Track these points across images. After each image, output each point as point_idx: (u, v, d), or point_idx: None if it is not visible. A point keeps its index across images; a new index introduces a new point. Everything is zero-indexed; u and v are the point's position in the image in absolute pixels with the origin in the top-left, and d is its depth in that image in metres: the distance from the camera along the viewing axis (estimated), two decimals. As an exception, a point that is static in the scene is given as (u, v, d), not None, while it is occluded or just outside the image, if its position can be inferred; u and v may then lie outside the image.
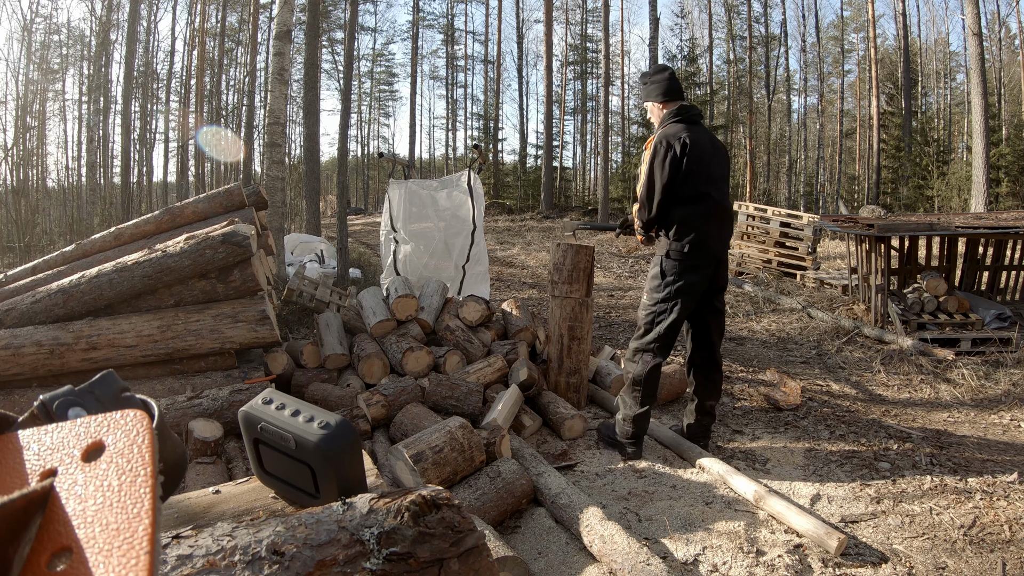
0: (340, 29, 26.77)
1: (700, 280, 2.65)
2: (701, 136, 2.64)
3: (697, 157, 2.58)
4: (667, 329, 2.67)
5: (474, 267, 4.98)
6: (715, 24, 26.68)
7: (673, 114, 2.70)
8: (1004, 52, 24.71)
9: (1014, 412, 3.37)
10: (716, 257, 2.67)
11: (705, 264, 2.64)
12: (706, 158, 2.61)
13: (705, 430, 2.89)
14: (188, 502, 1.06)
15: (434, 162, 34.53)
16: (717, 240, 2.67)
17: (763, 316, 5.91)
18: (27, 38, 18.78)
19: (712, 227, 2.63)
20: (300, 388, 3.22)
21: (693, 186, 2.59)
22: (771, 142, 27.86)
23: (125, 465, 0.41)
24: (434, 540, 0.86)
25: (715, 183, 2.64)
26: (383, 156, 5.91)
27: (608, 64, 18.51)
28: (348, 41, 8.74)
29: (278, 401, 1.03)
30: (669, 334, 2.68)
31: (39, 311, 2.83)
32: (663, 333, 2.67)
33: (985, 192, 11.80)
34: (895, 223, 5.10)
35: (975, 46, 11.98)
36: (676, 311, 2.64)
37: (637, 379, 2.72)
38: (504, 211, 20.32)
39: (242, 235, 2.91)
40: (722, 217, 2.68)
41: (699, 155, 2.59)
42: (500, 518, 2.19)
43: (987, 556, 1.99)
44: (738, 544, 2.07)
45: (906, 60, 22.24)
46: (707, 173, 2.61)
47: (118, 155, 16.88)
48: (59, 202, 16.54)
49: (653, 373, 2.71)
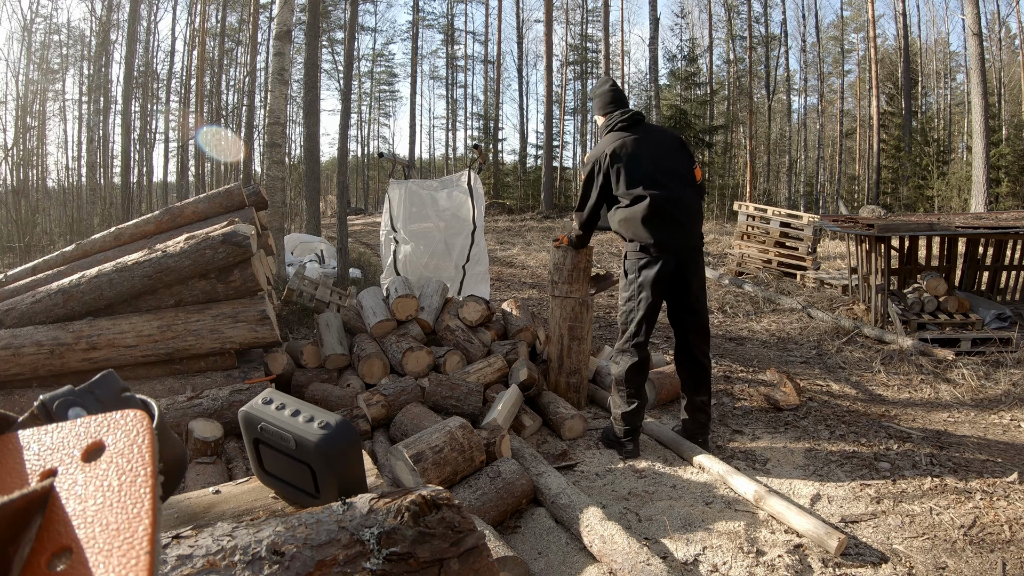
0: (340, 29, 26.77)
1: (659, 272, 2.69)
2: (637, 139, 2.73)
3: (625, 164, 2.70)
4: (637, 325, 2.76)
5: (474, 267, 4.98)
6: (715, 24, 26.70)
7: (607, 126, 2.85)
8: (1004, 52, 24.71)
9: (1014, 412, 3.37)
10: (671, 249, 2.69)
11: (660, 257, 2.68)
12: (641, 159, 2.70)
13: (702, 427, 2.89)
14: (188, 502, 1.06)
15: (434, 162, 34.51)
16: (667, 234, 2.68)
17: (763, 316, 5.91)
18: (27, 38, 18.78)
19: (656, 223, 2.67)
20: (300, 388, 3.22)
21: (628, 190, 2.70)
22: (771, 142, 27.86)
23: (125, 465, 0.41)
24: (434, 540, 0.86)
25: (655, 181, 2.68)
26: (383, 156, 5.90)
27: (608, 64, 18.52)
28: (348, 41, 8.74)
29: (278, 401, 1.03)
30: (640, 330, 2.77)
31: (39, 311, 2.83)
32: (635, 330, 2.77)
33: (985, 192, 11.80)
34: (895, 223, 5.09)
35: (975, 46, 11.98)
36: (642, 306, 2.73)
37: (619, 379, 2.83)
38: (504, 211, 20.31)
39: (242, 235, 2.91)
40: (670, 211, 2.68)
41: (629, 161, 2.70)
42: (500, 518, 2.19)
43: (987, 556, 1.99)
44: (738, 544, 2.07)
45: (906, 60, 22.24)
46: (642, 174, 2.69)
47: (118, 155, 16.89)
48: (59, 202, 16.53)
49: (632, 370, 2.79)
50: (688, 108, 20.60)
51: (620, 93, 2.92)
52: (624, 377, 2.80)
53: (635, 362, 2.78)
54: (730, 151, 25.58)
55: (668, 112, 19.12)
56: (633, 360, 2.78)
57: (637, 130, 2.78)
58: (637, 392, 2.82)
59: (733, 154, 25.71)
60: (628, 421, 2.82)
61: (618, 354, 2.86)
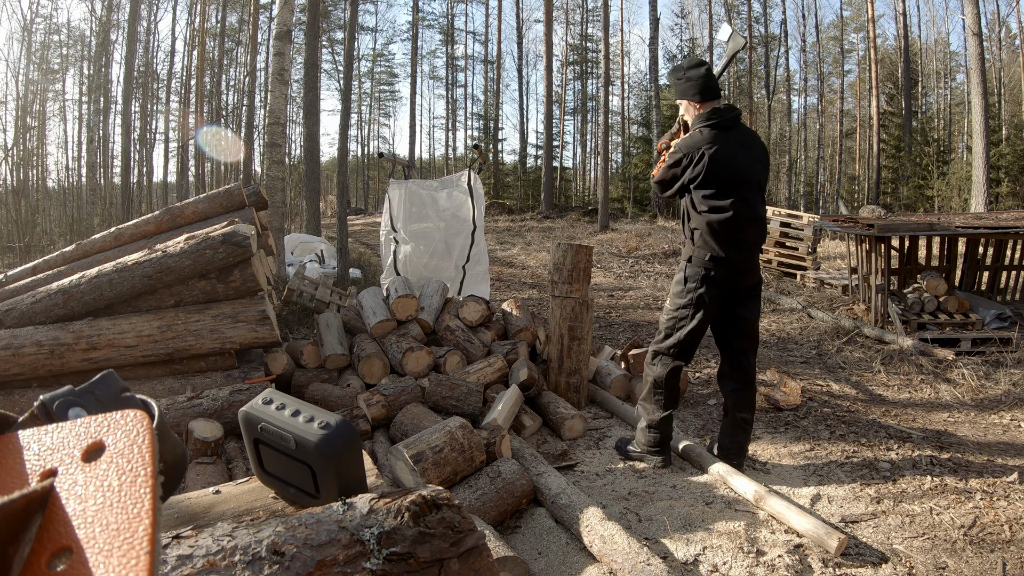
0: (340, 29, 26.77)
1: (721, 290, 2.56)
2: (731, 143, 2.53)
3: (721, 169, 2.49)
4: (687, 336, 2.59)
5: (474, 267, 4.98)
6: (715, 24, 26.68)
7: (706, 117, 2.55)
8: (1004, 52, 24.71)
9: (1014, 412, 3.37)
10: (739, 267, 2.56)
11: (727, 274, 2.54)
12: (735, 167, 2.51)
13: (740, 448, 2.70)
14: (188, 502, 1.06)
15: (434, 162, 34.51)
16: (740, 251, 2.54)
17: (763, 316, 5.91)
18: (27, 38, 18.79)
19: (734, 238, 2.51)
20: (300, 388, 3.22)
21: (716, 196, 2.50)
22: (771, 142, 27.84)
23: (125, 465, 0.41)
24: (434, 540, 0.86)
25: (742, 192, 2.51)
26: (383, 156, 5.90)
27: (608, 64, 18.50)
28: (348, 41, 8.74)
29: (278, 401, 1.03)
30: (689, 340, 2.61)
31: (39, 311, 2.83)
32: (683, 339, 2.60)
33: (985, 192, 11.80)
34: (895, 223, 5.10)
35: (975, 46, 11.98)
36: (697, 319, 2.57)
37: (658, 381, 2.66)
38: (504, 211, 20.31)
39: (242, 235, 2.91)
40: (748, 227, 2.53)
41: (724, 166, 2.49)
42: (500, 518, 2.19)
43: (987, 556, 1.99)
44: (738, 544, 2.07)
45: (906, 60, 22.24)
46: (733, 182, 2.50)
47: (118, 155, 16.90)
48: (59, 202, 16.54)
49: (673, 376, 2.64)
50: (688, 108, 20.54)
51: (715, 82, 2.62)
52: (665, 380, 2.64)
53: (678, 366, 2.64)
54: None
55: (668, 112, 19.11)
56: (677, 364, 2.63)
57: (736, 133, 2.56)
58: (674, 399, 2.68)
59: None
60: (662, 430, 2.68)
61: (657, 356, 2.69)
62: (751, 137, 2.63)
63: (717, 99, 2.60)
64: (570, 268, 3.29)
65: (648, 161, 17.52)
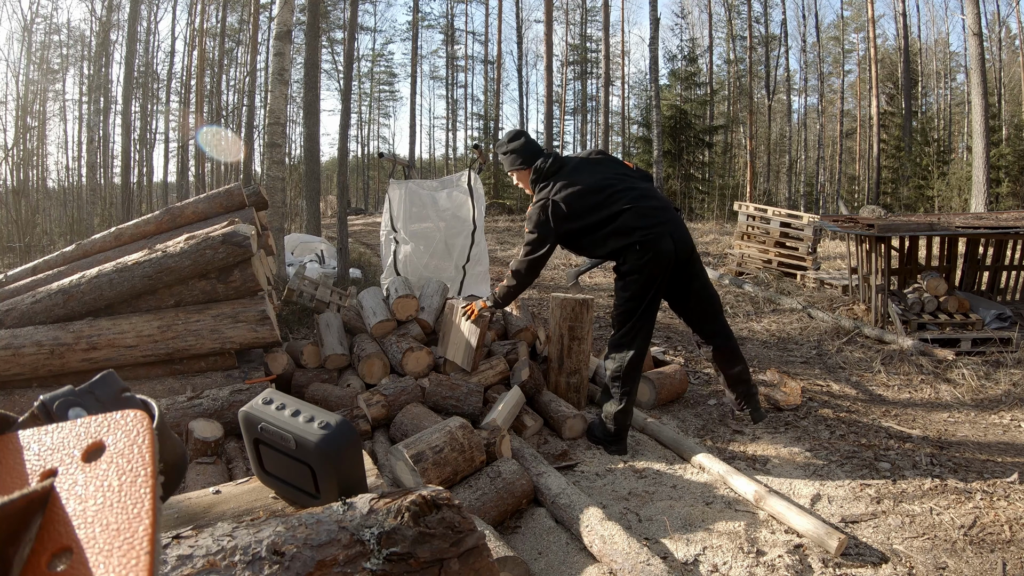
0: (340, 29, 26.77)
1: (662, 266, 2.67)
2: (570, 175, 2.74)
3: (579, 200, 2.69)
4: (638, 321, 2.73)
5: (474, 267, 4.98)
6: (715, 24, 26.71)
7: (536, 176, 2.81)
8: (1004, 52, 24.71)
9: (1014, 412, 3.37)
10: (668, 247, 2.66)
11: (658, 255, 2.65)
12: (587, 184, 2.70)
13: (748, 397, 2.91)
14: (188, 502, 1.06)
15: (434, 162, 34.52)
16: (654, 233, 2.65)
17: (763, 316, 5.90)
18: (27, 38, 18.79)
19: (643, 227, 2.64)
20: (300, 388, 3.22)
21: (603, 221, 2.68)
22: (771, 142, 27.87)
23: (125, 465, 0.41)
24: (434, 540, 0.86)
25: (612, 195, 2.69)
26: (383, 156, 5.89)
27: (608, 64, 18.51)
28: (348, 41, 8.74)
29: (278, 401, 1.03)
30: (641, 327, 2.74)
31: (39, 311, 2.83)
32: (634, 326, 2.74)
33: (985, 192, 11.79)
34: (895, 223, 5.09)
35: (975, 46, 11.98)
36: (644, 302, 2.70)
37: (615, 374, 2.78)
38: (504, 211, 20.31)
39: (242, 235, 2.91)
40: (643, 212, 2.66)
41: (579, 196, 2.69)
42: (500, 518, 2.19)
43: (987, 556, 1.99)
44: (738, 544, 2.07)
45: (906, 60, 22.24)
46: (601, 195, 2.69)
47: (118, 155, 16.89)
48: (59, 202, 16.53)
49: (631, 365, 2.75)
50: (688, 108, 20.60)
51: (535, 144, 2.93)
52: (624, 372, 2.75)
53: (632, 355, 2.74)
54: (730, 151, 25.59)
55: (668, 112, 19.13)
56: (631, 353, 2.74)
57: (569, 167, 2.79)
58: (631, 391, 2.79)
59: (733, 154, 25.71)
60: (618, 422, 2.81)
61: (612, 349, 2.80)
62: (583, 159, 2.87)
63: (540, 155, 2.86)
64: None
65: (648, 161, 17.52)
